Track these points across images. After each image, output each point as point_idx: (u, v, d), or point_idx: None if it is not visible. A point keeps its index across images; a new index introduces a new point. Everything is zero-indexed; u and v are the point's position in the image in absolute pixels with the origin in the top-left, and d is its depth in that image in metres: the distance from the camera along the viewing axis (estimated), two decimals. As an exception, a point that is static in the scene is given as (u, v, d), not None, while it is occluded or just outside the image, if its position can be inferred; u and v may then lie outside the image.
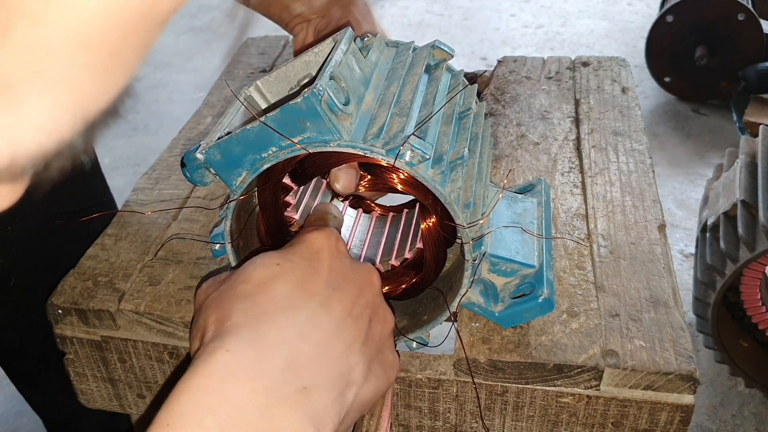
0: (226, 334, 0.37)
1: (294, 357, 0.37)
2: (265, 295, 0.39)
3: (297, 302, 0.39)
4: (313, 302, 0.40)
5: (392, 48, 0.55)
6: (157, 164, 0.72)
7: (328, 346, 0.39)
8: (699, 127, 2.01)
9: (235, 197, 0.47)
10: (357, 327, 0.41)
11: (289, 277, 0.40)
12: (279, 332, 0.38)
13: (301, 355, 0.37)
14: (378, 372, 0.42)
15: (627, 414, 0.49)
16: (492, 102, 0.78)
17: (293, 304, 0.39)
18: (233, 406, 0.34)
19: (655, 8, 2.36)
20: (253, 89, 0.52)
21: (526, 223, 0.53)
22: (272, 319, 0.38)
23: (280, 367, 0.36)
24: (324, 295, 0.40)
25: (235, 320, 0.38)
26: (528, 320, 0.50)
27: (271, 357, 0.37)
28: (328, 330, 0.39)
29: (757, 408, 1.23)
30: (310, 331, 0.38)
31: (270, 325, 0.38)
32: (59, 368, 0.60)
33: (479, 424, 0.52)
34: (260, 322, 0.38)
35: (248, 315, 0.38)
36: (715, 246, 1.12)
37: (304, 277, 0.41)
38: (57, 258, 0.69)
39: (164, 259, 0.59)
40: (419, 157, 0.43)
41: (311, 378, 0.37)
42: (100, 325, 0.56)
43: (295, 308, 0.39)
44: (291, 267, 0.41)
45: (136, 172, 1.92)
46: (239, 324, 0.38)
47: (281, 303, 0.39)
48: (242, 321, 0.38)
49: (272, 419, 0.35)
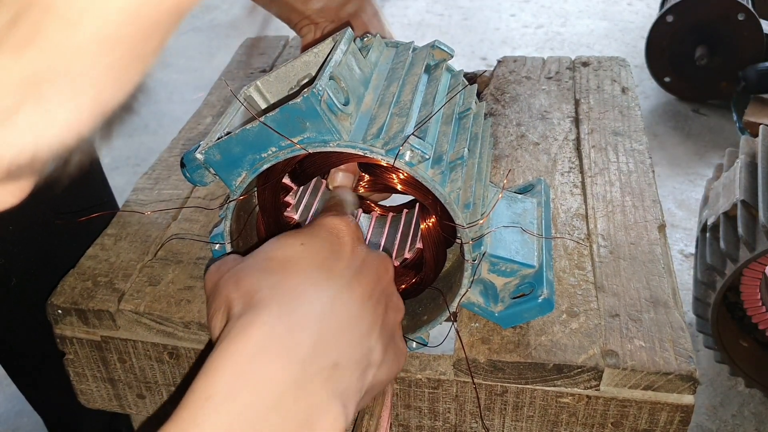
0: (258, 308, 0.37)
1: (323, 334, 0.37)
2: (290, 271, 0.40)
3: (322, 281, 0.40)
4: (337, 283, 0.40)
5: (392, 48, 0.55)
6: (157, 164, 0.72)
7: (352, 325, 0.39)
8: (699, 127, 2.01)
9: (235, 197, 0.47)
10: (375, 311, 0.41)
11: (313, 256, 0.41)
12: (308, 308, 0.38)
13: (329, 333, 0.38)
14: (391, 357, 0.42)
15: (627, 414, 0.49)
16: (492, 102, 0.78)
17: (318, 283, 0.39)
18: (268, 381, 0.35)
19: (655, 8, 2.36)
20: (253, 89, 0.52)
21: (526, 223, 0.53)
22: (301, 296, 0.38)
23: (310, 343, 0.37)
24: (347, 277, 0.41)
25: (264, 294, 0.38)
26: (528, 320, 0.50)
27: (302, 332, 0.37)
28: (353, 310, 0.39)
29: (757, 408, 1.23)
30: (336, 310, 0.39)
31: (299, 300, 0.38)
32: (59, 368, 0.60)
33: (479, 424, 0.52)
34: (289, 297, 0.38)
35: (276, 290, 0.38)
36: (715, 246, 1.12)
37: (327, 258, 0.41)
38: (58, 257, 0.69)
39: (164, 260, 0.59)
40: (419, 157, 0.43)
41: (339, 355, 0.37)
42: (99, 325, 0.56)
43: (321, 287, 0.39)
44: (314, 247, 0.41)
45: (136, 172, 1.92)
46: (268, 298, 0.38)
47: (307, 280, 0.39)
48: (271, 296, 0.38)
49: (304, 395, 0.35)
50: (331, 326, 0.38)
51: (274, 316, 0.37)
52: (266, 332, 0.36)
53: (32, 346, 0.79)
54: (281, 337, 0.36)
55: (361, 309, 0.40)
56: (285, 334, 0.37)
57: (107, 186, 0.81)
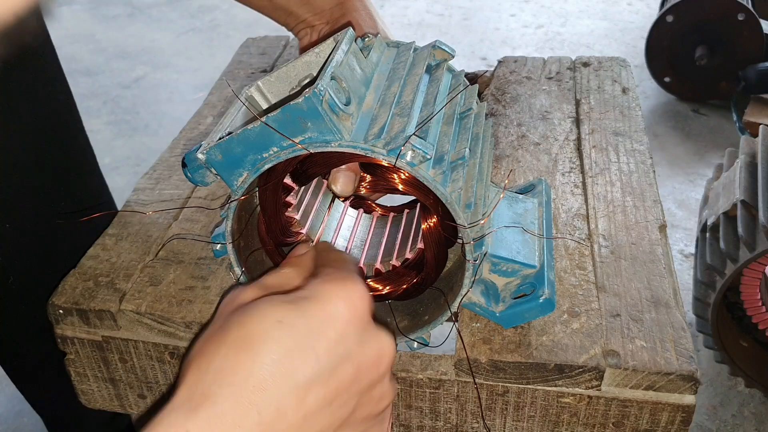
0: (187, 404, 0.35)
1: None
2: (248, 356, 0.37)
3: (273, 380, 0.36)
4: (291, 383, 0.36)
5: (393, 48, 0.55)
6: (158, 164, 0.72)
7: (308, 424, 0.37)
8: (699, 127, 2.01)
9: (237, 197, 0.47)
10: (332, 416, 0.38)
11: (283, 342, 0.37)
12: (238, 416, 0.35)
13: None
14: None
15: (628, 414, 0.49)
16: (492, 102, 0.78)
17: (267, 382, 0.36)
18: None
19: (655, 8, 2.36)
20: (254, 89, 0.52)
21: (527, 224, 0.53)
22: (239, 396, 0.35)
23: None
24: (309, 378, 0.37)
25: (205, 385, 0.36)
26: (529, 320, 0.50)
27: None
28: (293, 421, 0.36)
29: (757, 408, 1.23)
30: (272, 420, 0.36)
31: (233, 402, 0.35)
32: (59, 368, 0.60)
33: (480, 424, 0.52)
34: (225, 395, 0.35)
35: (218, 380, 0.36)
36: (715, 246, 1.12)
37: (297, 348, 0.37)
38: (56, 257, 0.69)
39: (165, 260, 0.59)
40: (420, 157, 0.43)
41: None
42: (101, 325, 0.56)
43: (267, 389, 0.36)
44: (290, 330, 0.37)
45: (136, 172, 1.92)
46: (204, 393, 0.35)
47: (258, 375, 0.36)
48: (209, 389, 0.36)
49: None
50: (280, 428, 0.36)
51: (201, 419, 0.34)
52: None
53: (32, 345, 0.79)
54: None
55: (306, 419, 0.37)
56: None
57: (105, 186, 0.81)
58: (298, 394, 0.36)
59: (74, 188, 0.71)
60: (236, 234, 0.49)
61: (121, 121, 2.20)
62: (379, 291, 0.53)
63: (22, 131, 0.66)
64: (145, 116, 2.22)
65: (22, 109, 0.65)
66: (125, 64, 2.48)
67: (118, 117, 2.22)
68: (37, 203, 0.67)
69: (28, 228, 0.68)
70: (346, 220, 0.59)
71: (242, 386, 0.35)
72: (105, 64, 2.51)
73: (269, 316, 0.38)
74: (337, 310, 0.39)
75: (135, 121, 2.20)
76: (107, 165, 1.98)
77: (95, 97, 2.33)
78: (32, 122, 0.64)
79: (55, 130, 0.67)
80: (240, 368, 0.36)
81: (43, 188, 0.67)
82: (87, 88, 2.38)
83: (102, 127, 2.17)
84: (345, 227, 0.59)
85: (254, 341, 0.37)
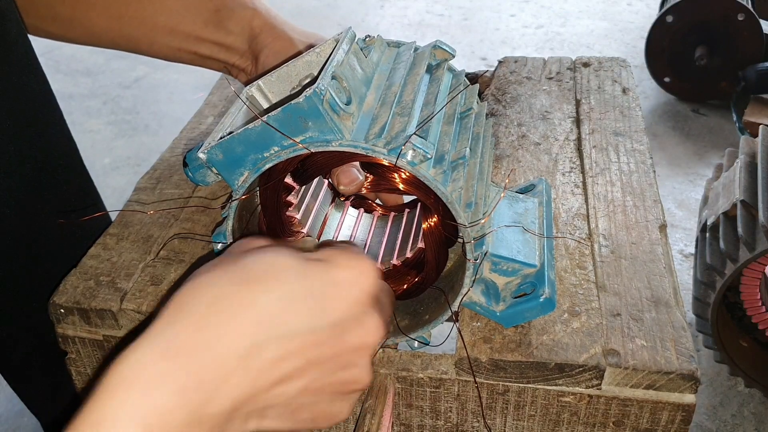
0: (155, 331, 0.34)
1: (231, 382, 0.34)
2: (251, 290, 0.36)
3: (267, 321, 0.35)
4: (281, 329, 0.36)
5: (394, 48, 0.56)
6: (159, 164, 0.72)
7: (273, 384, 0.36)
8: (699, 127, 2.01)
9: (237, 197, 0.47)
10: (301, 376, 0.37)
11: (287, 288, 0.36)
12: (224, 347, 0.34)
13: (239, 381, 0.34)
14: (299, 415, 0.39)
15: (628, 413, 0.50)
16: (493, 102, 0.78)
17: (260, 323, 0.35)
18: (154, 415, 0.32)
19: (655, 8, 2.36)
20: (255, 89, 0.52)
21: (528, 223, 0.53)
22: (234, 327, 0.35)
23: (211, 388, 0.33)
24: (296, 331, 0.36)
25: (201, 311, 0.35)
26: (529, 320, 0.50)
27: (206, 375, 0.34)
28: (266, 365, 0.35)
29: (756, 408, 1.23)
30: (250, 357, 0.35)
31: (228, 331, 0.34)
32: (54, 367, 0.60)
33: (480, 423, 0.53)
34: (221, 323, 0.35)
35: (215, 309, 0.35)
36: (715, 246, 1.13)
37: (299, 299, 0.37)
38: (38, 256, 0.68)
39: (166, 259, 0.59)
40: (421, 157, 0.43)
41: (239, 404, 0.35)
42: (102, 324, 0.56)
43: (257, 328, 0.35)
44: (296, 281, 0.37)
45: (136, 172, 1.92)
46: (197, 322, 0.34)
47: (253, 313, 0.35)
48: (205, 316, 0.35)
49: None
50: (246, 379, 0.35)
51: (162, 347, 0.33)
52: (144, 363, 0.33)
53: (22, 344, 0.78)
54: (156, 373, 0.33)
55: (294, 365, 0.36)
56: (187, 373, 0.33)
57: (92, 185, 0.78)
58: (280, 342, 0.35)
59: (57, 187, 0.69)
60: (237, 233, 0.50)
61: (121, 121, 2.20)
62: (379, 290, 0.53)
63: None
64: (145, 116, 2.22)
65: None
66: (125, 64, 2.48)
67: (118, 117, 2.22)
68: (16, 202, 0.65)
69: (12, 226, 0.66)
70: (346, 220, 0.59)
71: (238, 319, 0.35)
72: (105, 64, 2.51)
73: (281, 262, 0.37)
74: (345, 278, 0.38)
75: (135, 121, 2.20)
76: (107, 165, 1.98)
77: (95, 97, 2.33)
78: (5, 114, 0.63)
79: (32, 125, 0.66)
80: (241, 301, 0.35)
81: (21, 187, 0.65)
82: (87, 88, 2.38)
83: (102, 127, 2.17)
84: (346, 227, 0.59)
85: (262, 278, 0.36)
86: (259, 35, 0.67)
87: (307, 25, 0.70)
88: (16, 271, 0.68)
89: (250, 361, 0.35)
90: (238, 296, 0.35)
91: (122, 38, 0.70)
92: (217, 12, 0.68)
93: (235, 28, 0.67)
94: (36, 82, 0.66)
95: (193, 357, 0.33)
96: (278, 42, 0.66)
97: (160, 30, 0.68)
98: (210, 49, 0.69)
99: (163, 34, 0.69)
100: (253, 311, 0.35)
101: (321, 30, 0.69)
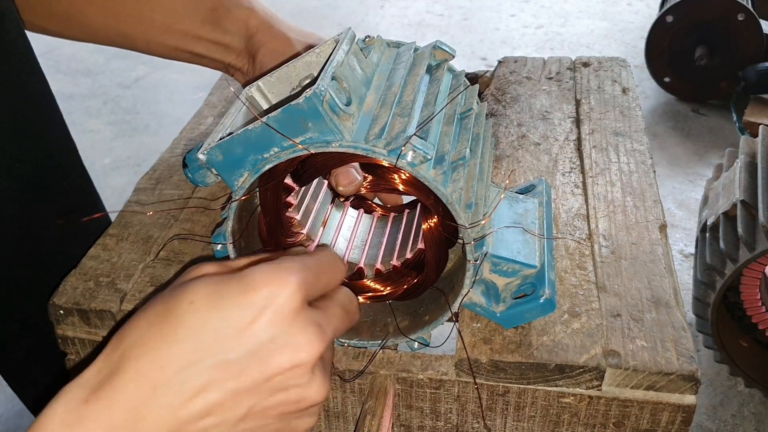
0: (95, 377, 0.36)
1: None
2: (160, 333, 0.37)
3: (177, 363, 0.36)
4: (197, 367, 0.36)
5: (394, 48, 0.55)
6: (159, 164, 0.72)
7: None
8: (699, 127, 2.01)
9: (237, 198, 0.47)
10: (235, 412, 0.37)
11: (196, 325, 0.36)
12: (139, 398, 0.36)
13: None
14: None
15: (629, 414, 0.49)
16: (493, 102, 0.78)
17: (170, 366, 0.36)
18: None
19: (655, 8, 2.36)
20: (255, 90, 0.52)
21: (528, 224, 0.53)
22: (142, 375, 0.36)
23: None
24: (212, 366, 0.36)
25: (115, 358, 0.37)
26: (529, 320, 0.50)
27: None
28: (192, 413, 0.36)
29: (756, 408, 1.23)
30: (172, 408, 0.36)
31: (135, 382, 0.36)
32: (54, 368, 0.60)
33: (481, 425, 0.52)
34: (131, 372, 0.36)
35: (127, 355, 0.36)
36: (715, 246, 1.12)
37: (211, 333, 0.36)
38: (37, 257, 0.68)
39: (166, 260, 0.59)
40: (421, 158, 0.43)
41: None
42: (101, 325, 0.56)
43: (162, 384, 0.36)
44: (207, 312, 0.37)
45: (136, 172, 1.92)
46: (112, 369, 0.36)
47: (164, 355, 0.36)
48: (118, 363, 0.36)
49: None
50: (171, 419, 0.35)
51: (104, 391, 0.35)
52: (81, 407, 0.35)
53: (20, 344, 0.78)
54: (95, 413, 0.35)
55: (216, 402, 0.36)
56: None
57: (91, 185, 0.78)
58: (194, 377, 0.36)
59: (57, 187, 0.69)
60: (237, 234, 0.50)
61: (121, 121, 2.20)
62: (379, 291, 0.53)
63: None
64: (145, 116, 2.22)
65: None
66: (125, 64, 2.48)
67: (118, 117, 2.22)
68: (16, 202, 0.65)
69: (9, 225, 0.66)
70: (346, 221, 0.59)
71: (149, 365, 0.36)
72: (105, 64, 2.51)
73: (198, 294, 0.37)
74: (258, 301, 0.37)
75: (135, 121, 2.20)
76: (107, 165, 1.98)
77: (95, 97, 2.33)
78: (5, 114, 0.63)
79: (32, 125, 0.66)
80: (154, 343, 0.36)
81: (21, 187, 0.65)
82: (87, 88, 2.38)
83: (102, 127, 2.17)
84: (345, 227, 0.59)
85: (169, 321, 0.37)
86: (255, 34, 0.67)
87: (306, 25, 0.70)
88: (16, 271, 0.68)
89: (165, 399, 0.35)
90: (149, 338, 0.37)
91: (118, 36, 0.70)
92: (213, 11, 0.67)
93: (232, 27, 0.67)
94: (36, 82, 0.66)
95: (108, 401, 0.35)
96: (275, 41, 0.65)
97: (157, 28, 0.68)
98: (206, 47, 0.69)
99: (160, 33, 0.69)
100: (161, 354, 0.36)
101: (321, 30, 0.69)
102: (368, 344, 0.51)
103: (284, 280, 0.37)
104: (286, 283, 0.37)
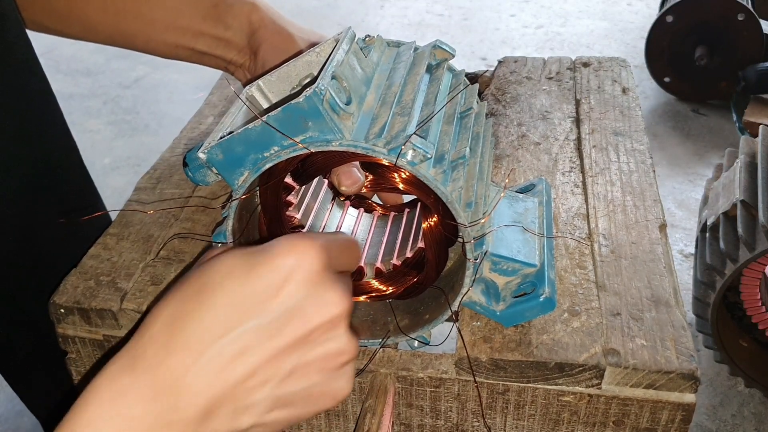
0: (140, 348, 0.37)
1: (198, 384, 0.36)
2: (197, 306, 0.38)
3: (219, 331, 0.37)
4: (238, 332, 0.37)
5: (393, 48, 0.56)
6: (159, 164, 0.72)
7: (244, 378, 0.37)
8: (699, 127, 2.01)
9: (237, 196, 0.47)
10: (280, 368, 0.38)
11: (231, 293, 0.38)
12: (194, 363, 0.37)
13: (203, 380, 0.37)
14: (296, 402, 0.40)
15: (628, 413, 0.50)
16: (493, 102, 0.78)
17: (211, 334, 0.37)
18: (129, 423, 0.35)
19: (655, 8, 2.36)
20: (255, 89, 0.52)
21: (528, 223, 0.53)
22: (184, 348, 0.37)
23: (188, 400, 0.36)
24: (253, 328, 0.37)
25: (153, 334, 0.37)
26: (529, 319, 0.50)
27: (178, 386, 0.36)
28: (239, 375, 0.37)
29: (756, 408, 1.23)
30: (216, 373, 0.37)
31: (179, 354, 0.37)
32: (54, 367, 0.60)
33: (480, 423, 0.53)
34: (174, 346, 0.37)
35: (170, 328, 0.37)
36: (715, 246, 1.13)
37: (246, 299, 0.38)
38: (37, 257, 0.68)
39: (166, 259, 0.59)
40: (421, 157, 0.43)
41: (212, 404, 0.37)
42: (102, 324, 0.56)
43: (203, 350, 0.37)
44: (238, 281, 0.38)
45: (136, 172, 1.92)
46: (157, 339, 0.37)
47: (202, 327, 0.37)
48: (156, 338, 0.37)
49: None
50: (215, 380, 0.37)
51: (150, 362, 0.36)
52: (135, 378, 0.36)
53: (21, 344, 0.78)
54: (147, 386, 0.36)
55: (266, 361, 0.38)
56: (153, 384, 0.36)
57: (92, 185, 0.78)
58: (234, 342, 0.37)
59: (57, 187, 0.69)
60: (237, 233, 0.50)
61: (121, 121, 2.20)
62: (380, 290, 0.53)
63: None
64: (145, 116, 2.22)
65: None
66: (125, 64, 2.48)
67: (118, 117, 2.23)
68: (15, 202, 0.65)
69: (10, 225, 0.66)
70: (346, 220, 0.59)
71: (190, 334, 0.37)
72: (105, 64, 2.51)
73: (226, 267, 0.39)
74: (286, 265, 0.38)
75: (135, 121, 2.20)
76: (107, 165, 1.98)
77: (95, 97, 2.33)
78: (5, 114, 0.62)
79: (32, 125, 0.66)
80: (191, 313, 0.37)
81: (21, 187, 0.65)
82: (87, 88, 2.38)
83: (102, 127, 2.17)
84: (346, 227, 0.59)
85: (208, 288, 0.38)
86: (258, 30, 0.66)
87: (306, 24, 0.70)
88: (16, 271, 0.68)
89: (207, 366, 0.37)
90: (187, 310, 0.38)
91: (119, 34, 0.70)
92: (215, 6, 0.67)
93: (234, 23, 0.67)
94: (36, 82, 0.66)
95: (151, 371, 0.36)
96: (277, 37, 0.65)
97: (158, 26, 0.68)
98: (208, 44, 0.69)
99: (161, 30, 0.68)
100: (201, 322, 0.37)
101: (321, 30, 0.69)
102: (368, 343, 0.52)
103: (308, 245, 0.39)
104: (311, 246, 0.39)
